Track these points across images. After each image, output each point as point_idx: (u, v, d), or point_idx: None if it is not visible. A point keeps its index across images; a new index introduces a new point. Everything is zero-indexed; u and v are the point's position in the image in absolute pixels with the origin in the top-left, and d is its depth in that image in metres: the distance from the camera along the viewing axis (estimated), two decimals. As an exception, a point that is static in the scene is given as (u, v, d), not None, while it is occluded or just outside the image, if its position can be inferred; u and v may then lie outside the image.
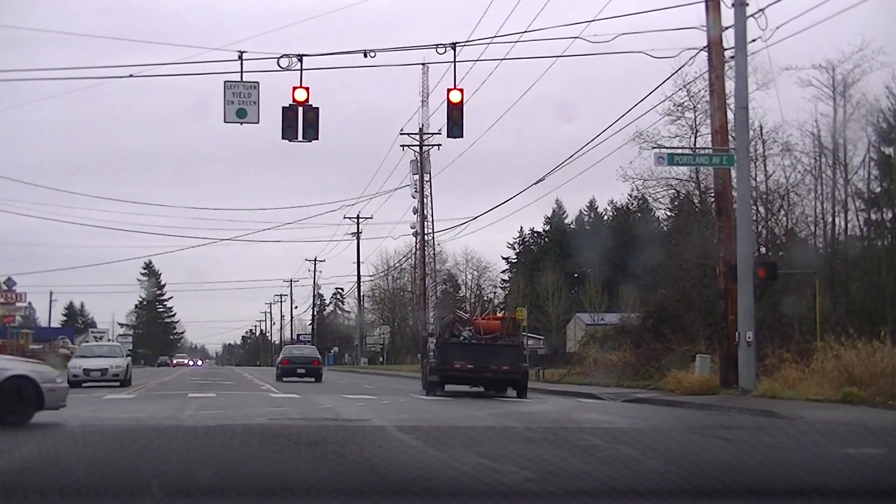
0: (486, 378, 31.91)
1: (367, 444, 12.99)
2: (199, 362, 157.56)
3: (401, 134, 68.45)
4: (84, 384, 37.72)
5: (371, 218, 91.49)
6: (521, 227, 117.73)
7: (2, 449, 12.05)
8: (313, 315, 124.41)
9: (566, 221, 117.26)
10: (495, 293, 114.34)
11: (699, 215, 44.29)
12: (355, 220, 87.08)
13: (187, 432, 15.31)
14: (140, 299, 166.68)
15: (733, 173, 29.01)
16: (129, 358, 43.34)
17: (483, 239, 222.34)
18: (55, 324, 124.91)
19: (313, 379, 47.46)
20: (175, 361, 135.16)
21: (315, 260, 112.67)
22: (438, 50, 29.57)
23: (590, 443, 13.16)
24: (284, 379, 47.27)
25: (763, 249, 39.94)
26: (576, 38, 31.43)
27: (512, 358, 31.93)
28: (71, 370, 39.03)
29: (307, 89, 28.60)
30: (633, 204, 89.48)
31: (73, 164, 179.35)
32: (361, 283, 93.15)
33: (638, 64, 67.79)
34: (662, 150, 30.78)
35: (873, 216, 45.59)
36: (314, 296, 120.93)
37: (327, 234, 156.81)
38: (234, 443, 13.25)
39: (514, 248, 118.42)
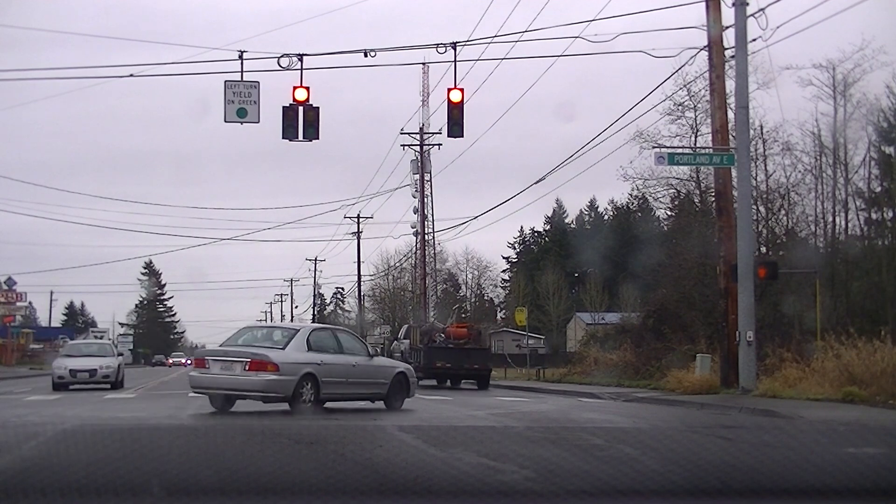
0: (461, 374, 40.40)
1: (367, 443, 12.99)
2: None
3: (401, 133, 68.46)
4: (70, 386, 34.37)
5: (371, 217, 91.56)
6: (522, 227, 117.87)
7: (2, 448, 12.06)
8: (314, 314, 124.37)
9: (566, 221, 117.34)
10: (496, 292, 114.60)
11: (700, 215, 44.31)
12: (355, 220, 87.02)
13: (188, 432, 15.31)
14: (140, 299, 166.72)
15: (734, 173, 29.03)
16: (121, 357, 39.43)
17: (483, 238, 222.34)
18: (55, 323, 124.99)
19: None
20: (171, 361, 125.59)
21: (315, 259, 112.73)
22: (439, 49, 29.60)
23: (591, 442, 13.16)
24: None
25: (763, 249, 39.97)
26: (576, 37, 31.58)
27: (480, 358, 41.07)
28: (55, 371, 35.23)
29: (307, 89, 28.64)
30: (633, 203, 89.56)
31: (73, 164, 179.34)
32: (362, 283, 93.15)
33: (638, 63, 67.85)
34: (663, 150, 30.79)
35: (874, 216, 45.60)
36: (314, 295, 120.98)
37: (327, 234, 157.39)
38: (235, 442, 13.25)
39: (515, 248, 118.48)
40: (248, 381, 20.72)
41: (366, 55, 29.76)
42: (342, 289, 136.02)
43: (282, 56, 28.85)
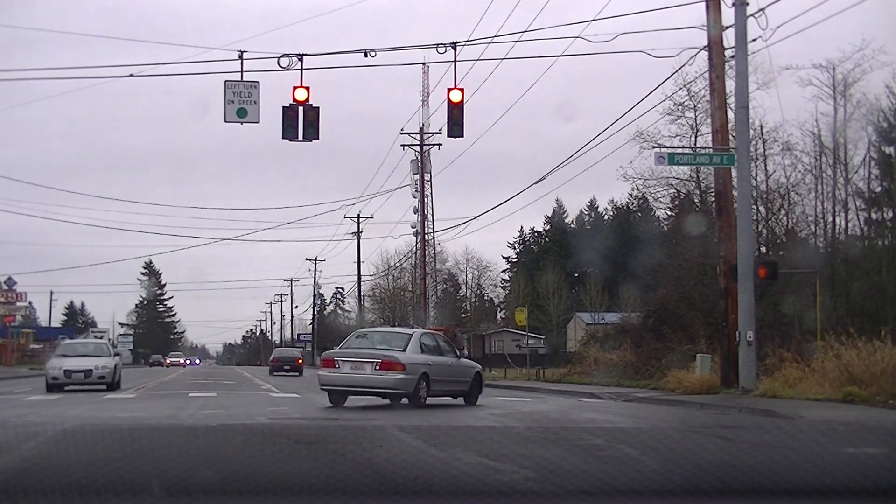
0: None
1: (367, 443, 12.97)
2: (197, 361, 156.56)
3: (401, 133, 68.46)
4: (65, 388, 32.90)
5: (371, 217, 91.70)
6: (522, 227, 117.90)
7: (2, 448, 12.05)
8: (314, 315, 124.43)
9: (566, 221, 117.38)
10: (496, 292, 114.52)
11: (700, 215, 44.32)
12: (356, 220, 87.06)
13: (188, 432, 15.30)
14: (140, 299, 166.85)
15: (734, 173, 29.03)
16: (118, 357, 37.50)
17: (483, 238, 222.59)
18: (55, 323, 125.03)
19: (297, 373, 62.43)
20: (168, 361, 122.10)
21: (315, 259, 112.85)
22: (439, 49, 29.60)
23: (591, 442, 13.16)
24: (274, 373, 61.65)
25: (763, 249, 39.97)
26: (576, 37, 31.59)
27: None
28: (49, 371, 33.85)
29: (307, 89, 28.63)
30: (633, 203, 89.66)
31: (73, 164, 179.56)
32: (362, 283, 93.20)
33: (638, 63, 67.98)
34: (663, 150, 30.78)
35: (874, 216, 45.62)
36: (314, 295, 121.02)
37: (328, 234, 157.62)
38: (235, 442, 13.24)
39: (515, 248, 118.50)
40: (379, 378, 23.52)
41: (366, 55, 29.76)
42: (342, 289, 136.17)
43: (282, 56, 28.87)
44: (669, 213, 54.78)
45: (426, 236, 74.40)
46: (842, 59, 41.95)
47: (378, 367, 23.50)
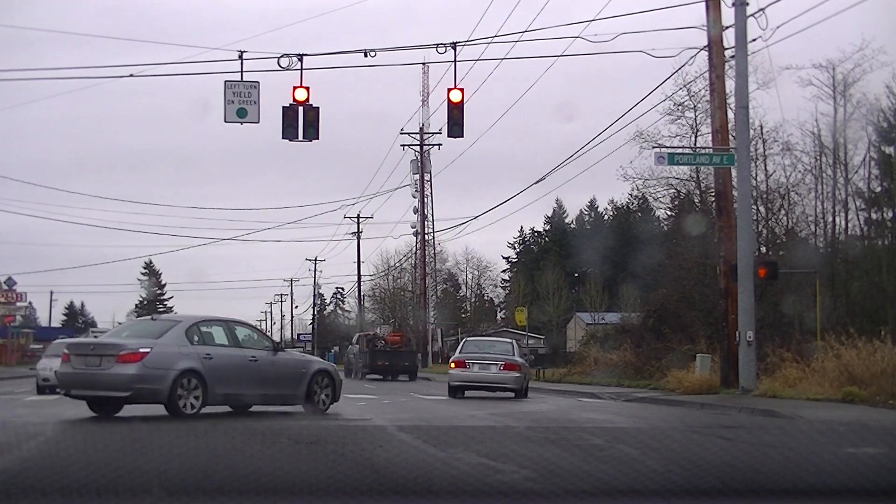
0: (396, 370, 51.59)
1: (367, 443, 12.98)
2: None
3: (401, 133, 68.56)
4: (57, 389, 28.97)
5: (371, 217, 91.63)
6: (522, 227, 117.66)
7: (2, 448, 12.05)
8: (314, 315, 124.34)
9: (566, 221, 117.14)
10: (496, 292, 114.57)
11: (700, 215, 44.31)
12: (355, 220, 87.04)
13: (188, 432, 15.30)
14: (140, 299, 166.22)
15: (734, 173, 29.02)
16: None
17: (483, 238, 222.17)
18: (55, 323, 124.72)
19: None
20: None
21: (315, 260, 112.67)
22: (439, 49, 29.55)
23: (591, 442, 13.16)
24: None
25: (763, 249, 39.95)
26: (576, 37, 31.54)
27: (409, 358, 53.72)
28: (40, 373, 31.85)
29: (307, 89, 28.58)
30: (633, 203, 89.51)
31: (73, 164, 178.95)
32: (362, 283, 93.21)
33: (638, 63, 67.91)
34: (663, 150, 30.78)
35: (874, 215, 45.61)
36: (314, 295, 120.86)
37: (327, 234, 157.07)
38: (235, 442, 13.24)
39: (515, 248, 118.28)
40: (503, 376, 29.89)
41: (366, 55, 29.74)
42: (342, 289, 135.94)
43: (282, 56, 28.81)
44: (669, 213, 54.78)
45: (426, 236, 74.51)
46: (842, 59, 42.01)
47: (502, 368, 29.88)
